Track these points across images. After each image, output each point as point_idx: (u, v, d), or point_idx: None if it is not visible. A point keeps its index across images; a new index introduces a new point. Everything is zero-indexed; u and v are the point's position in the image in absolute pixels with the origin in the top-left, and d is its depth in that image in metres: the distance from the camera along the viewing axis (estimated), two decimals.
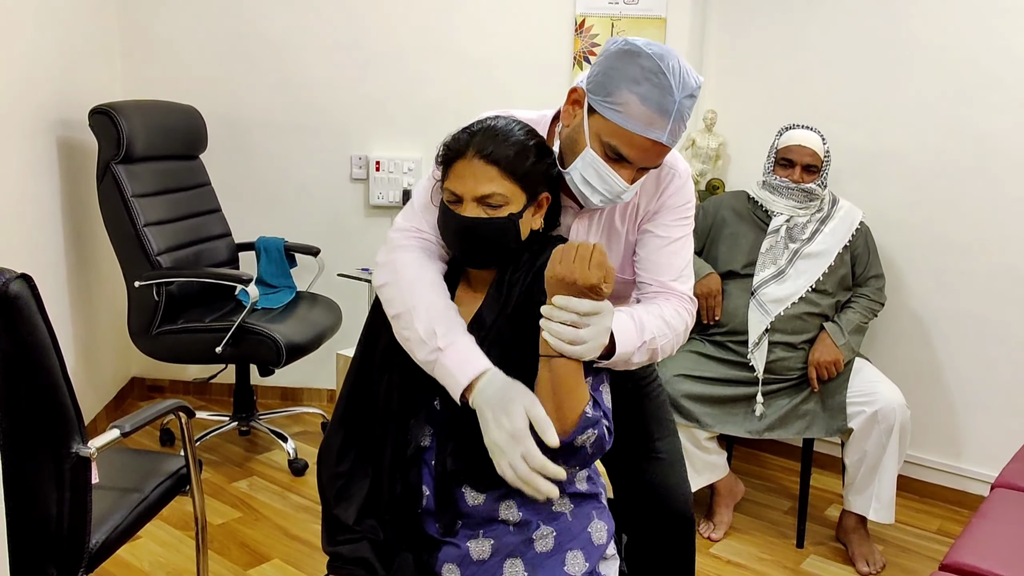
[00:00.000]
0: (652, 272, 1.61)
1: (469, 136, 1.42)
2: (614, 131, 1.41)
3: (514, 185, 1.40)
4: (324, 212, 3.69)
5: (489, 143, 1.39)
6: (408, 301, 1.43)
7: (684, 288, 1.62)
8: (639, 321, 1.48)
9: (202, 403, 3.78)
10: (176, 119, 3.29)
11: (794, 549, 2.80)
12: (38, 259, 2.89)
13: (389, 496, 1.46)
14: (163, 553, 2.60)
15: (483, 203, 1.40)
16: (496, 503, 1.41)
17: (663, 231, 1.61)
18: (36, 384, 1.53)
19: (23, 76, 2.74)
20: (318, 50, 3.56)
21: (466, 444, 1.39)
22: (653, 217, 1.62)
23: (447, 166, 1.43)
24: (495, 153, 1.38)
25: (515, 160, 1.39)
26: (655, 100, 1.38)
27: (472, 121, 1.48)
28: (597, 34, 3.47)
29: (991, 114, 2.93)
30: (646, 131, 1.40)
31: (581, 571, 1.40)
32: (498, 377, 1.35)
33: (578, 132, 1.47)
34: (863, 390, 2.68)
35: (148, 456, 2.15)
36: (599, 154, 1.44)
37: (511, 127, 1.44)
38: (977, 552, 1.81)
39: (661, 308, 1.55)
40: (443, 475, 1.42)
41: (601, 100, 1.42)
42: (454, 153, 1.42)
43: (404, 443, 1.45)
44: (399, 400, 1.47)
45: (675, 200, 1.61)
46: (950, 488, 3.16)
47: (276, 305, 3.24)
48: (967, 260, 3.03)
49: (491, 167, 1.38)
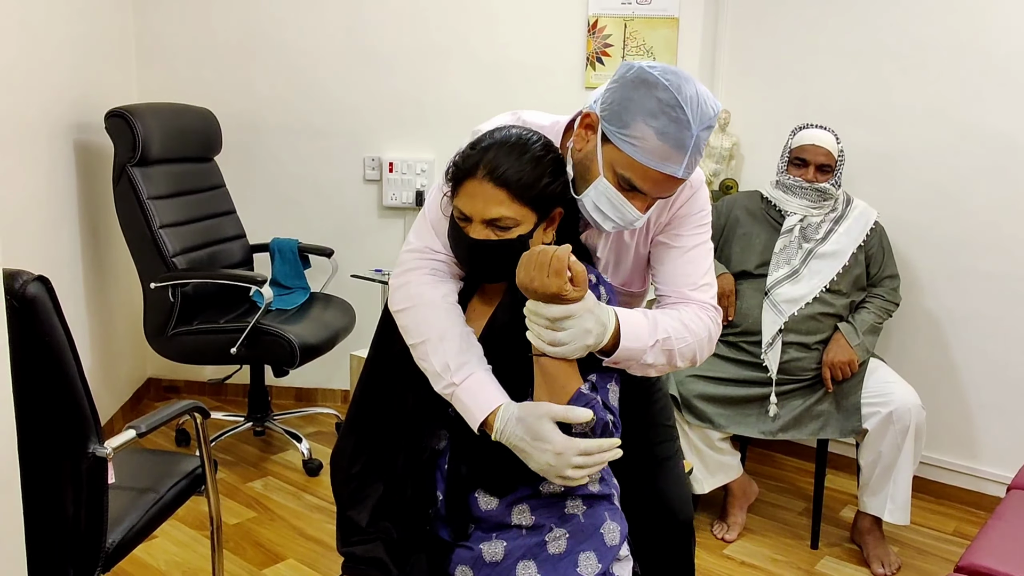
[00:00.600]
0: (670, 284, 1.59)
1: (480, 154, 1.39)
2: (629, 164, 1.39)
3: (524, 208, 1.38)
4: (338, 213, 3.70)
5: (500, 164, 1.36)
6: (423, 331, 1.44)
7: (704, 297, 1.58)
8: (652, 319, 1.46)
9: (217, 404, 3.80)
10: (191, 122, 3.31)
11: (808, 550, 2.79)
12: (55, 261, 2.91)
13: (402, 499, 1.46)
14: (179, 552, 2.61)
15: (492, 226, 1.38)
16: (509, 507, 1.41)
17: (678, 241, 1.58)
18: (53, 385, 1.55)
19: (40, 80, 2.76)
20: (331, 52, 3.57)
21: (481, 450, 1.40)
22: (666, 228, 1.59)
23: (456, 183, 1.41)
24: (505, 175, 1.36)
25: (526, 183, 1.37)
26: (672, 135, 1.35)
27: (485, 131, 1.45)
28: (610, 35, 3.47)
29: (1007, 113, 2.90)
30: (662, 166, 1.37)
31: (594, 572, 1.40)
32: (512, 409, 1.37)
33: (591, 159, 1.44)
34: (878, 391, 2.67)
35: (164, 456, 2.17)
36: (612, 183, 1.42)
37: (526, 143, 1.40)
38: (993, 554, 1.79)
39: (679, 311, 1.53)
40: (457, 480, 1.43)
41: (616, 131, 1.39)
42: (463, 172, 1.39)
43: (418, 447, 1.45)
44: (414, 404, 1.47)
45: (688, 209, 1.58)
46: (966, 489, 3.14)
47: (290, 306, 3.26)
48: (983, 260, 3.01)
49: (500, 190, 1.36)
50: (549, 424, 1.32)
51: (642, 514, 1.77)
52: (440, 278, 1.51)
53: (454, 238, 1.44)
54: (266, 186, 3.69)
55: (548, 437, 1.32)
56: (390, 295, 1.54)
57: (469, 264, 1.44)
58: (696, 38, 3.41)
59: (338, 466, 1.52)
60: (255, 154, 3.66)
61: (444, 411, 1.45)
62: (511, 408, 1.37)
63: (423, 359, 1.44)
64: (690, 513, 1.81)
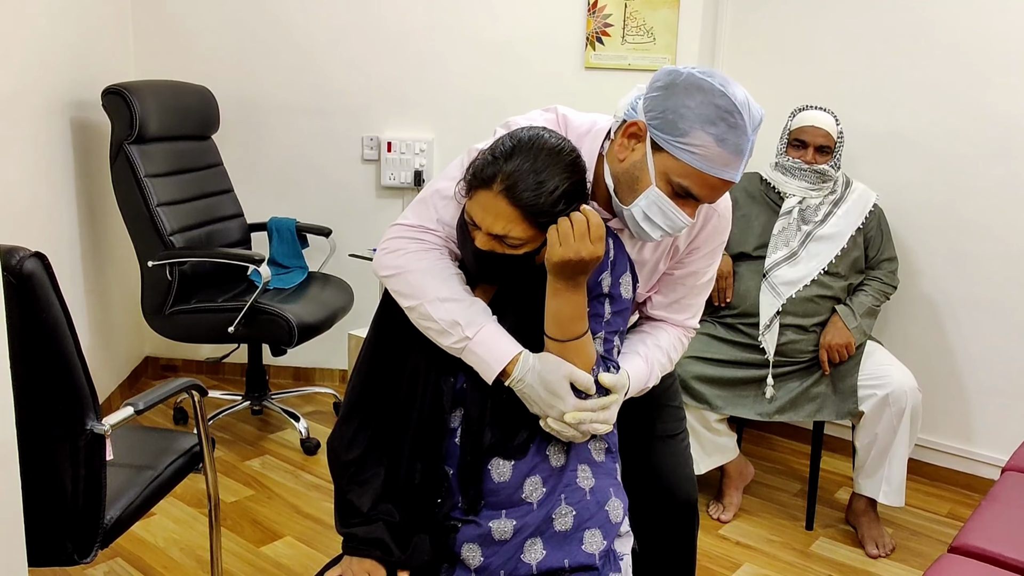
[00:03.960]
0: (671, 312, 1.67)
1: (500, 165, 1.32)
2: (687, 172, 1.38)
3: (534, 230, 1.35)
4: (336, 193, 3.69)
5: (518, 183, 1.31)
6: (420, 292, 1.43)
7: (694, 323, 1.70)
8: (651, 364, 1.58)
9: (215, 383, 3.80)
10: (189, 99, 3.30)
11: (803, 531, 2.80)
12: (52, 239, 2.91)
13: (408, 482, 1.45)
14: (177, 530, 2.63)
15: (499, 240, 1.36)
16: (522, 479, 1.42)
17: (692, 278, 1.65)
18: (51, 362, 1.55)
19: (37, 57, 2.75)
20: (330, 31, 3.55)
21: (501, 418, 1.41)
22: (686, 257, 1.63)
23: (472, 189, 1.37)
24: (522, 198, 1.31)
25: (542, 209, 1.33)
26: (732, 141, 1.36)
27: (515, 131, 1.38)
28: (610, 14, 3.45)
29: (1009, 96, 2.89)
30: (722, 172, 1.38)
31: (598, 549, 1.41)
32: (531, 360, 1.39)
33: (640, 169, 1.41)
34: (874, 373, 2.68)
35: (161, 434, 2.17)
36: (665, 192, 1.41)
37: (548, 164, 1.33)
38: (987, 534, 1.80)
39: (671, 341, 1.65)
40: (475, 451, 1.42)
41: (672, 139, 1.37)
42: (480, 182, 1.34)
43: (428, 429, 1.44)
44: (422, 385, 1.45)
45: (713, 240, 1.62)
46: (961, 472, 3.15)
47: (288, 285, 3.25)
48: (981, 243, 3.01)
49: (514, 210, 1.32)
50: (566, 385, 1.37)
51: (643, 492, 1.78)
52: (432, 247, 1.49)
53: (461, 239, 1.43)
54: (264, 165, 3.67)
55: (562, 396, 1.37)
56: (378, 260, 1.50)
57: (473, 267, 1.44)
58: (697, 18, 3.39)
59: (336, 450, 1.51)
60: (253, 133, 3.64)
61: (455, 388, 1.44)
62: (530, 358, 1.39)
63: (425, 319, 1.42)
64: (691, 493, 1.82)
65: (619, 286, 1.47)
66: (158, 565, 2.45)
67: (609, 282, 1.45)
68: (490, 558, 1.39)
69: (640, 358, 1.57)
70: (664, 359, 1.62)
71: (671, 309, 1.67)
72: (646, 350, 1.59)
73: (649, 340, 1.63)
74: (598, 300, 1.45)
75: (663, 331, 1.66)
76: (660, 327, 1.67)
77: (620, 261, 1.48)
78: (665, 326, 1.67)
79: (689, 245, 1.62)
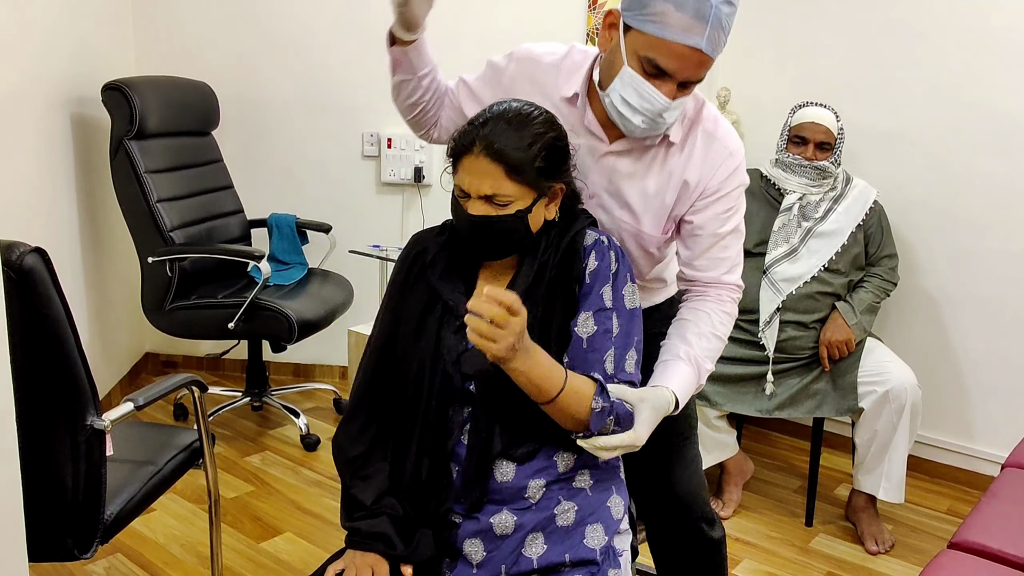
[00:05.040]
0: (703, 271, 1.61)
1: (477, 129, 1.38)
2: (651, 43, 1.39)
3: (520, 185, 1.38)
4: (336, 189, 3.69)
5: (496, 138, 1.36)
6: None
7: (733, 278, 1.62)
8: (695, 361, 1.53)
9: (215, 379, 3.80)
10: (189, 95, 3.29)
11: (803, 528, 2.81)
12: (52, 235, 2.91)
13: (415, 478, 1.45)
14: (177, 526, 2.63)
15: (489, 201, 1.38)
16: (526, 480, 1.41)
17: (713, 224, 1.58)
18: (51, 357, 1.55)
19: (37, 53, 2.74)
20: (330, 27, 3.54)
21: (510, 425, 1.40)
22: (703, 207, 1.58)
23: (456, 159, 1.41)
24: (501, 151, 1.35)
25: (522, 161, 1.36)
26: (691, 5, 1.36)
27: (515, 57, 1.50)
28: None
29: (1010, 92, 2.89)
30: (684, 37, 1.37)
31: (599, 545, 1.41)
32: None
33: (615, 54, 1.46)
34: (874, 370, 2.68)
35: (162, 429, 2.17)
36: (638, 71, 1.42)
37: (525, 118, 1.40)
38: (986, 530, 1.81)
39: (712, 320, 1.57)
40: (483, 455, 1.41)
41: (636, 14, 1.40)
42: (461, 148, 1.39)
43: (435, 426, 1.43)
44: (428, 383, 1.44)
45: (728, 184, 1.57)
46: (961, 468, 3.15)
47: (288, 282, 3.25)
48: (981, 240, 3.00)
49: (496, 165, 1.36)
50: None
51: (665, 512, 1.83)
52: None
53: (455, 214, 1.44)
54: (264, 161, 3.67)
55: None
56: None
57: (469, 241, 1.43)
58: None
59: (342, 446, 1.51)
60: (253, 129, 3.64)
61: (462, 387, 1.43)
62: None
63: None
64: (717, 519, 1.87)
65: (622, 298, 1.46)
66: (158, 561, 2.45)
67: (611, 295, 1.44)
68: (492, 553, 1.39)
69: (681, 361, 1.52)
70: (710, 344, 1.56)
71: (701, 265, 1.61)
72: (686, 348, 1.54)
73: (689, 331, 1.57)
74: (603, 315, 1.43)
75: (701, 311, 1.59)
76: (697, 306, 1.60)
77: (621, 272, 1.47)
78: (703, 300, 1.60)
79: (700, 184, 1.57)
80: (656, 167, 1.58)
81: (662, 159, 1.57)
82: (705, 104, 1.60)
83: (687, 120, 1.58)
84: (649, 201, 1.59)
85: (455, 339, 1.44)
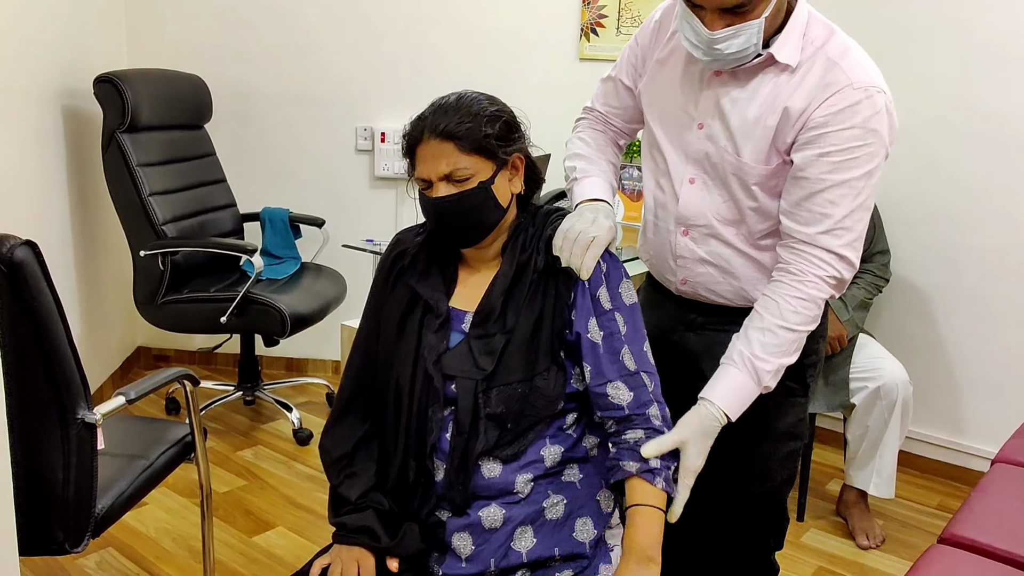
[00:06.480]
0: (800, 224, 1.43)
1: (423, 120, 1.42)
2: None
3: (475, 156, 1.39)
4: (329, 183, 3.68)
5: (441, 120, 1.39)
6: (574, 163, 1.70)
7: (836, 243, 1.41)
8: (750, 366, 1.43)
9: (207, 373, 3.80)
10: (181, 88, 3.28)
11: (794, 523, 2.81)
12: (44, 228, 2.90)
13: (401, 479, 1.44)
14: (169, 520, 2.62)
15: (450, 180, 1.40)
16: (513, 475, 1.41)
17: (815, 170, 1.40)
18: (42, 351, 1.54)
19: (28, 45, 2.73)
20: (324, 20, 3.53)
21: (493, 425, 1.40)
22: (807, 143, 1.41)
23: (411, 155, 1.44)
24: (448, 128, 1.38)
25: (470, 132, 1.39)
26: None
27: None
28: (604, 5, 3.44)
29: (1000, 90, 2.90)
30: None
31: (589, 538, 1.42)
32: (589, 209, 1.52)
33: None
34: (866, 366, 2.68)
35: (153, 424, 2.17)
36: (686, 4, 1.40)
37: (465, 100, 1.43)
38: (976, 525, 1.81)
39: (781, 309, 1.43)
40: (464, 452, 1.40)
41: None
42: (413, 140, 1.43)
43: (419, 430, 1.43)
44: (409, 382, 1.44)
45: (840, 120, 1.39)
46: (951, 464, 3.17)
47: (281, 276, 3.25)
48: (973, 237, 3.01)
49: (447, 143, 1.38)
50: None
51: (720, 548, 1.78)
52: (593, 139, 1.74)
53: (424, 209, 1.45)
54: (257, 155, 3.66)
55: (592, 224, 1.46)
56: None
57: (443, 228, 1.44)
58: None
59: (328, 448, 1.51)
60: (246, 123, 3.63)
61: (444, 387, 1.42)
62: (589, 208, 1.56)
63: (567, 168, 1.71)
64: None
65: (619, 296, 1.46)
66: (150, 555, 2.45)
67: (608, 295, 1.44)
68: (481, 547, 1.39)
69: (733, 366, 1.44)
70: (773, 339, 1.42)
71: (799, 217, 1.43)
72: (741, 349, 1.44)
73: (752, 324, 1.45)
74: (607, 317, 1.43)
75: (772, 297, 1.45)
76: (773, 288, 1.46)
77: (614, 273, 1.47)
78: (786, 272, 1.45)
79: (805, 113, 1.41)
80: (763, 92, 1.46)
81: (771, 84, 1.46)
82: (837, 33, 1.49)
83: (811, 46, 1.45)
84: (749, 128, 1.47)
85: (436, 338, 1.44)
